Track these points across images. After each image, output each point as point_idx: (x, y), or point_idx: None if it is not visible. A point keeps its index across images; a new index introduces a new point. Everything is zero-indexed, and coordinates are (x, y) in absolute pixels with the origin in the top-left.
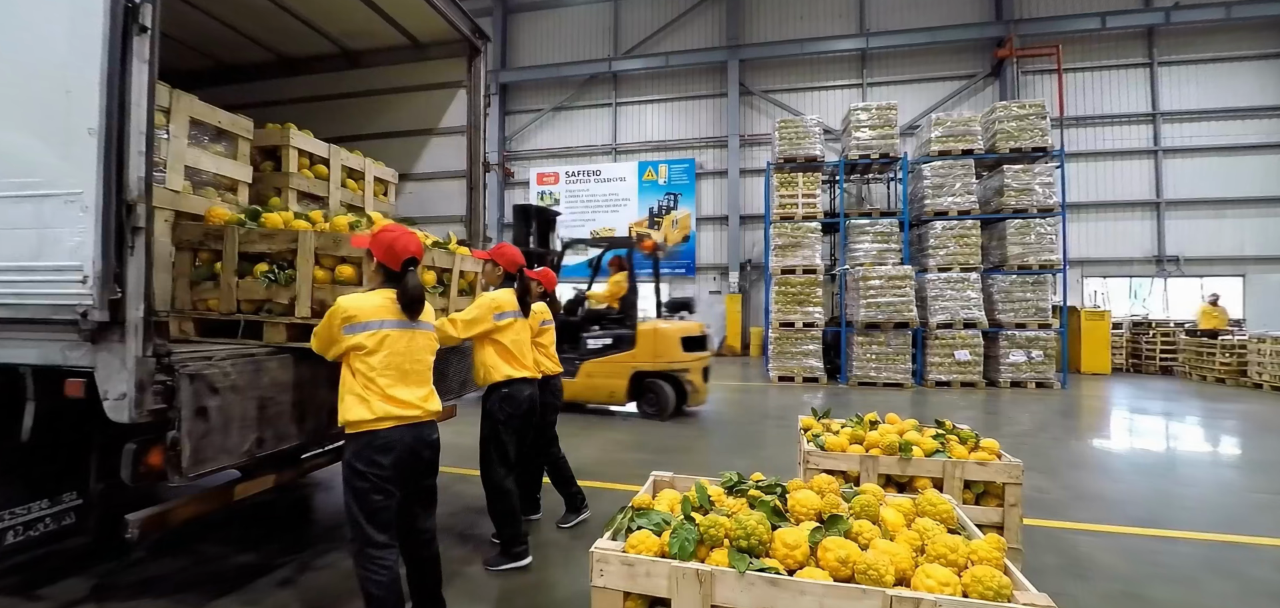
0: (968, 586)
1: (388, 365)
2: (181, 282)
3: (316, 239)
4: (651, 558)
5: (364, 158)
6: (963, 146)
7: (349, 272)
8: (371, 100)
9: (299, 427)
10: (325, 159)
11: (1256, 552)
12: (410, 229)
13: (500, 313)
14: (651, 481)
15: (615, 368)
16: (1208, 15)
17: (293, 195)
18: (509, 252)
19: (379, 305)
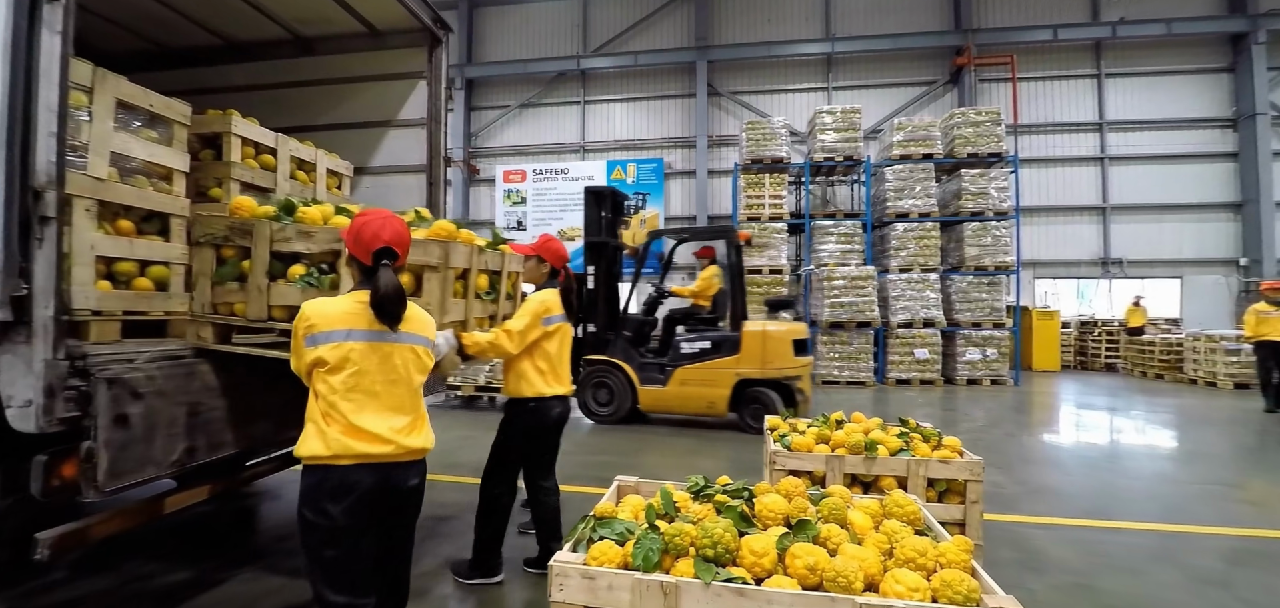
0: (937, 591)
1: (353, 387)
2: (202, 282)
3: None
4: (614, 571)
5: (316, 149)
6: (923, 151)
7: (403, 279)
8: (325, 89)
9: (238, 434)
10: (272, 149)
11: (1196, 540)
12: (393, 214)
13: (548, 317)
14: (615, 486)
15: (715, 375)
16: (1150, 30)
17: (235, 186)
18: (555, 246)
19: (346, 311)
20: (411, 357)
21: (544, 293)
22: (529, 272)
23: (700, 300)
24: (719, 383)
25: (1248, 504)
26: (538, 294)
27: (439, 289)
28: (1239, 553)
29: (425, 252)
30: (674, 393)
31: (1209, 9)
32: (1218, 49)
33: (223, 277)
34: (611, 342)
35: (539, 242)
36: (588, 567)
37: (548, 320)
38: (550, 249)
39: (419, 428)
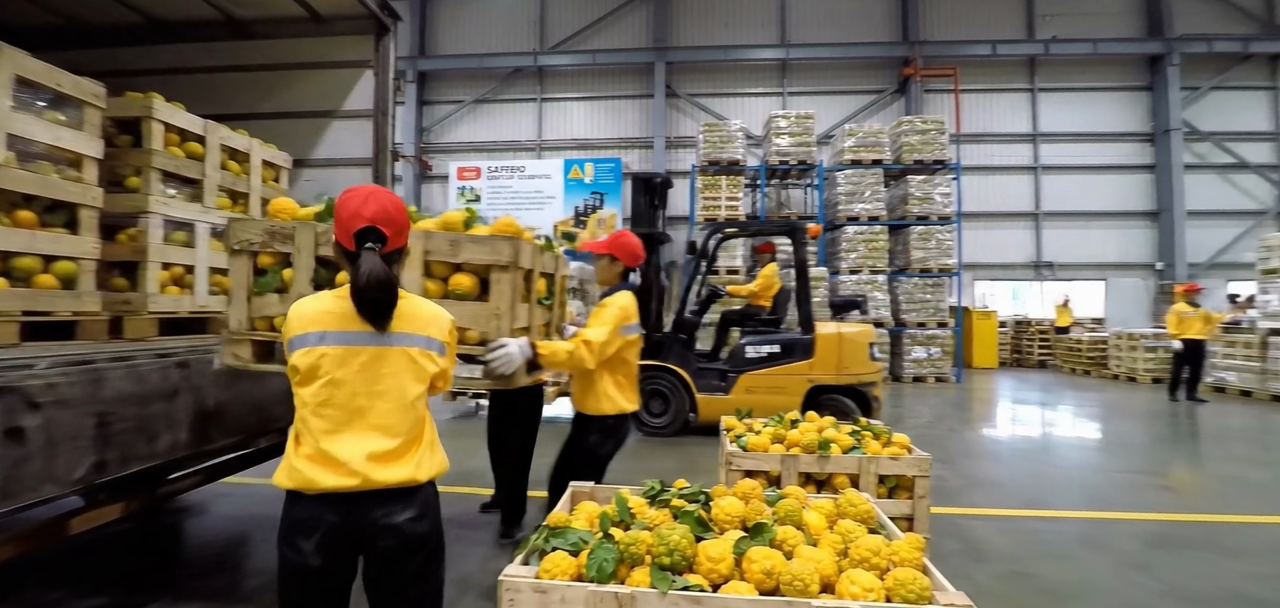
0: (891, 590)
1: (326, 402)
2: (238, 294)
3: (425, 240)
4: (567, 583)
5: (250, 138)
6: (873, 157)
7: (467, 282)
8: (262, 76)
9: (156, 445)
10: (200, 136)
11: (1120, 526)
12: (382, 188)
13: (628, 325)
14: (570, 493)
15: (786, 382)
16: (1078, 49)
17: (154, 176)
18: (630, 243)
19: (322, 310)
20: (405, 364)
21: (623, 297)
22: (600, 272)
23: (760, 300)
24: (790, 390)
25: (1164, 491)
26: (617, 299)
27: (509, 292)
28: (1157, 537)
29: (494, 250)
30: (738, 402)
31: (1130, 31)
32: (1138, 69)
33: (262, 288)
34: (666, 346)
35: (611, 239)
36: (540, 580)
37: (627, 328)
38: (625, 246)
39: (408, 454)
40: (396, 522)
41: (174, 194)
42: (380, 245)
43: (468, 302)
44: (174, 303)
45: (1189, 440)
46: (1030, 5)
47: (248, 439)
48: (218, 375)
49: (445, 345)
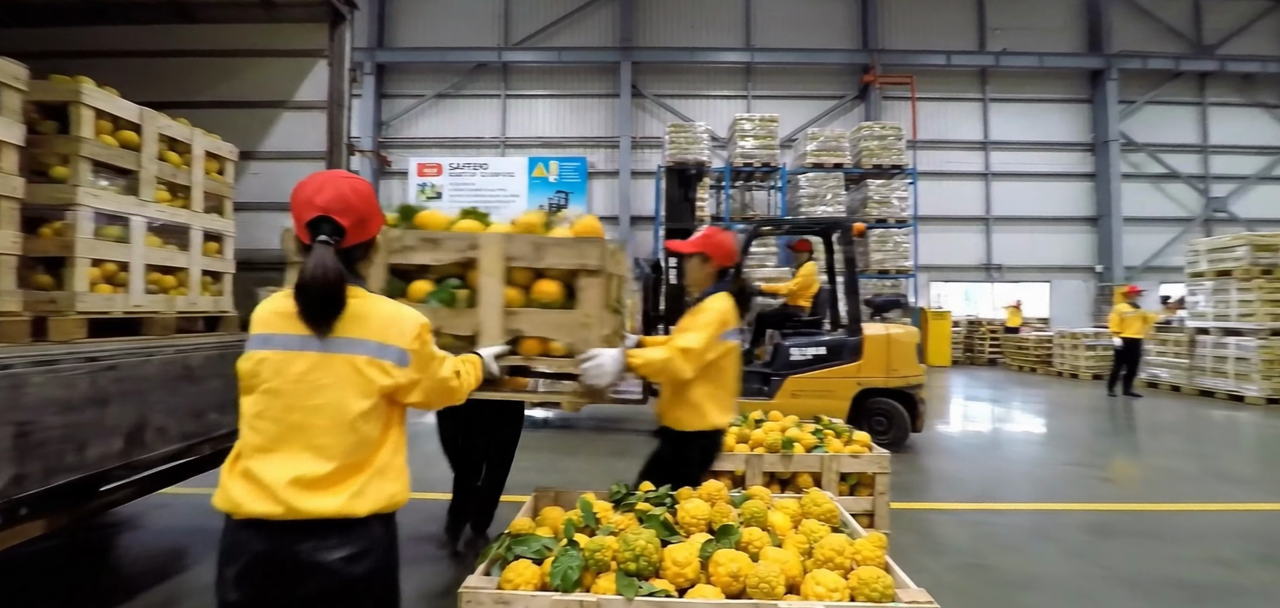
0: (855, 590)
1: (261, 413)
2: None
3: (506, 245)
4: (530, 593)
5: (192, 128)
6: (834, 160)
7: (553, 289)
8: (207, 62)
9: (84, 456)
10: (135, 124)
11: (1068, 516)
12: (343, 173)
13: (727, 331)
14: (533, 498)
15: (834, 385)
16: (1026, 62)
17: (84, 166)
18: (724, 240)
19: (273, 311)
20: (348, 374)
21: (721, 300)
22: (691, 272)
23: (798, 300)
24: (837, 394)
25: (1105, 482)
26: (714, 303)
27: (598, 298)
28: (1100, 526)
29: (581, 253)
30: (783, 406)
31: (1073, 47)
32: (1080, 82)
33: None
34: None
35: (703, 236)
36: (501, 591)
37: (726, 335)
38: (719, 245)
39: (343, 481)
40: (328, 561)
41: (106, 186)
42: (337, 238)
43: (552, 310)
44: (105, 302)
45: (1126, 433)
46: (982, 19)
47: (187, 448)
48: (152, 381)
49: (411, 354)
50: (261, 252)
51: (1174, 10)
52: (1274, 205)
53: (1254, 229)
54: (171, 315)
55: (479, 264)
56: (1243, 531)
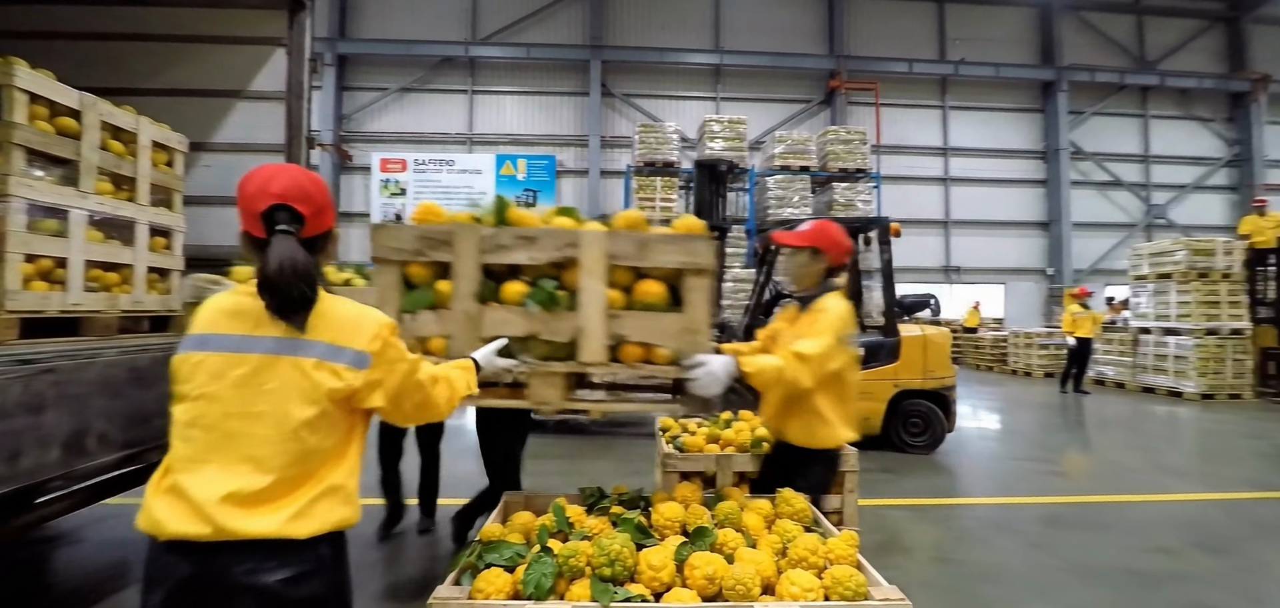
0: (829, 589)
1: (193, 421)
2: (387, 311)
3: (608, 243)
4: (502, 602)
5: (138, 116)
6: (800, 163)
7: (656, 290)
8: (156, 48)
9: (17, 466)
10: (74, 111)
11: (1026, 509)
12: (290, 164)
13: (848, 335)
14: (503, 502)
15: (872, 387)
16: (983, 72)
17: (18, 154)
18: (838, 235)
19: (216, 309)
20: (294, 378)
21: (838, 302)
22: (799, 271)
23: None
24: (876, 396)
25: (1057, 476)
26: (833, 304)
27: (707, 300)
28: (1054, 518)
29: (690, 251)
30: None
31: (1027, 59)
32: (1033, 93)
33: (414, 304)
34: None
35: (814, 229)
36: (472, 601)
37: (847, 340)
38: (833, 240)
39: (282, 497)
40: (265, 583)
41: (42, 175)
42: (297, 227)
43: (657, 313)
44: (40, 301)
45: (1076, 429)
46: (943, 30)
47: (130, 456)
48: (93, 385)
49: (371, 355)
50: (213, 248)
51: (1119, 27)
52: (1208, 213)
53: (1190, 235)
54: (114, 315)
55: (579, 263)
56: (1183, 520)
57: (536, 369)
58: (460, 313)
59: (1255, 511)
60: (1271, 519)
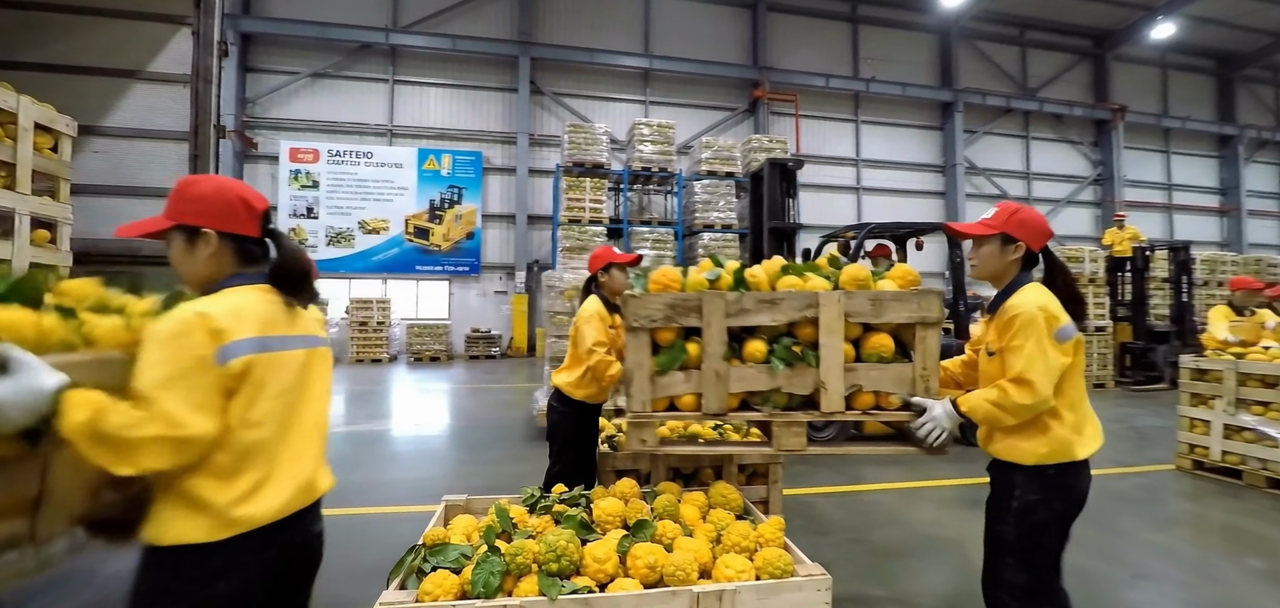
0: (760, 569)
1: (271, 415)
2: (640, 376)
3: (846, 302)
4: (450, 602)
5: (17, 94)
6: (726, 169)
7: (887, 344)
8: (34, 17)
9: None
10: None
11: (931, 491)
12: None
13: (1060, 328)
14: (443, 506)
15: (946, 383)
16: (891, 90)
17: None
18: (1033, 218)
19: (249, 312)
20: (324, 368)
21: (1027, 297)
22: (985, 260)
23: None
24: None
25: (950, 461)
26: (1023, 302)
27: (936, 349)
28: (958, 498)
29: (923, 306)
30: None
31: (928, 81)
32: (934, 112)
33: (665, 366)
34: None
35: (1006, 212)
36: (420, 604)
37: (1061, 333)
38: (1028, 223)
39: (324, 460)
40: (319, 530)
41: None
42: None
43: (889, 363)
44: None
45: None
46: (856, 49)
47: None
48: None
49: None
50: (104, 242)
51: (1007, 57)
52: (1079, 224)
53: (1064, 245)
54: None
55: (820, 322)
56: None
57: (780, 419)
58: (711, 372)
59: (1113, 484)
60: (1127, 491)
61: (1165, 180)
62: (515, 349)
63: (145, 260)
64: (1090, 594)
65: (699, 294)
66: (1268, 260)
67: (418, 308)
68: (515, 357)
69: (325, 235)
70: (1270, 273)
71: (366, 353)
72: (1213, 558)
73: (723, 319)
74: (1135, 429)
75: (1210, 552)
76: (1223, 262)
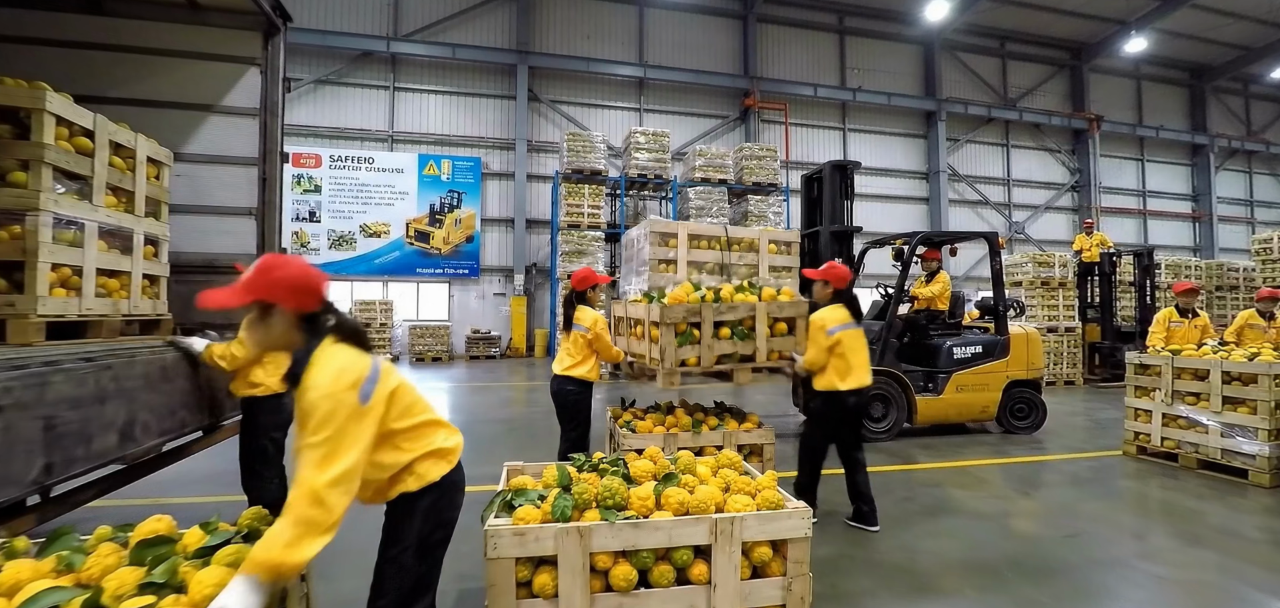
0: (759, 504)
1: (416, 404)
2: (669, 349)
3: (770, 309)
4: (539, 525)
5: (135, 134)
6: (719, 176)
7: (782, 328)
8: (123, 58)
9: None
10: (89, 130)
11: (904, 473)
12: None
13: (829, 328)
14: (506, 470)
15: (988, 379)
16: (877, 99)
17: (46, 172)
18: (838, 273)
19: (363, 361)
20: None
21: (830, 311)
22: (816, 293)
23: (938, 304)
24: (991, 387)
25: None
26: (825, 314)
27: (803, 329)
28: (927, 478)
29: (797, 310)
30: (949, 401)
31: (913, 90)
32: (919, 120)
33: (684, 343)
34: (881, 350)
35: (824, 269)
36: (517, 526)
37: (830, 332)
38: (839, 276)
39: None
40: None
41: (62, 191)
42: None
43: (783, 338)
44: (62, 306)
45: None
46: (843, 59)
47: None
48: (140, 381)
49: None
50: (186, 255)
51: (988, 68)
52: (1057, 229)
53: (1043, 249)
54: (117, 319)
55: (757, 318)
56: (1016, 475)
57: (740, 368)
58: (706, 344)
59: (1066, 467)
60: (1077, 472)
61: (1140, 187)
62: (514, 349)
63: (221, 270)
64: (1029, 549)
65: (699, 304)
66: (1229, 264)
67: (418, 310)
68: (514, 357)
69: (327, 239)
70: (1231, 277)
71: None
72: (1137, 523)
73: (711, 317)
74: (1096, 421)
75: (1137, 518)
76: (1187, 267)
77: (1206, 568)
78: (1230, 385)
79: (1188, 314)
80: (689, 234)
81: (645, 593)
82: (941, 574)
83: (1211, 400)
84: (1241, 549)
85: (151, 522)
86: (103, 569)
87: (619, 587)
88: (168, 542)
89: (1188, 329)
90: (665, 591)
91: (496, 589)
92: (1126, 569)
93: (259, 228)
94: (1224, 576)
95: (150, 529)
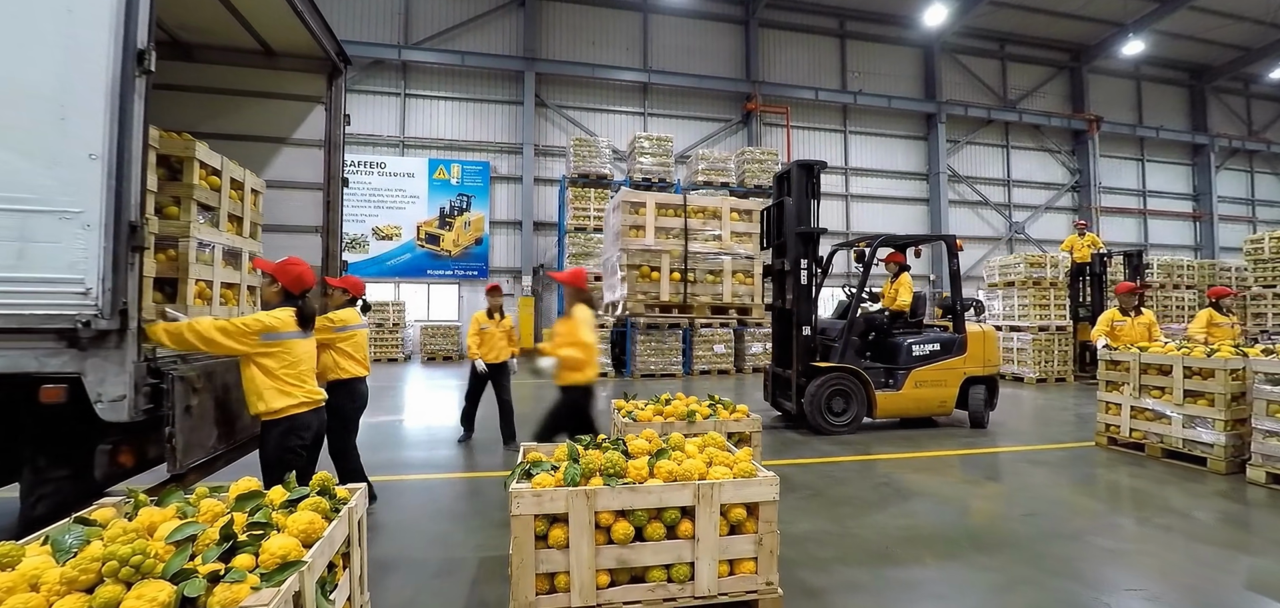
0: (736, 474)
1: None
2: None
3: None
4: (553, 489)
5: (244, 169)
6: (722, 179)
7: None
8: (209, 98)
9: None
10: (217, 170)
11: (884, 464)
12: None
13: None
14: (523, 448)
15: (946, 375)
16: (877, 102)
17: (193, 207)
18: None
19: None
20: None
21: (579, 310)
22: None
23: (901, 303)
24: (948, 382)
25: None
26: (578, 312)
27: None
28: (910, 466)
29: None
30: (908, 395)
31: (913, 93)
32: (918, 123)
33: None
34: (842, 347)
35: (570, 273)
36: (536, 489)
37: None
38: (577, 280)
39: None
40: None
41: (202, 221)
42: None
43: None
44: (200, 314)
45: None
46: (844, 63)
47: None
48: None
49: None
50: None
51: (987, 70)
52: (1056, 229)
53: (1043, 249)
54: None
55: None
56: (984, 463)
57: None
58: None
59: (1040, 456)
60: (1049, 461)
61: (1140, 187)
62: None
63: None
64: (988, 526)
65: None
66: (1221, 264)
67: (429, 310)
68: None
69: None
70: (1223, 277)
71: (383, 353)
72: (1097, 505)
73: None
74: (1078, 415)
75: (1097, 501)
76: (1179, 266)
77: (1156, 543)
78: (1191, 380)
79: (1129, 312)
80: (656, 203)
81: (640, 545)
82: (904, 546)
83: (1174, 393)
84: (1191, 528)
85: (245, 481)
86: (214, 514)
87: (619, 540)
88: (259, 495)
89: (1131, 327)
90: (657, 543)
91: (519, 540)
92: (1078, 543)
93: (324, 243)
94: (1171, 550)
95: (245, 486)
